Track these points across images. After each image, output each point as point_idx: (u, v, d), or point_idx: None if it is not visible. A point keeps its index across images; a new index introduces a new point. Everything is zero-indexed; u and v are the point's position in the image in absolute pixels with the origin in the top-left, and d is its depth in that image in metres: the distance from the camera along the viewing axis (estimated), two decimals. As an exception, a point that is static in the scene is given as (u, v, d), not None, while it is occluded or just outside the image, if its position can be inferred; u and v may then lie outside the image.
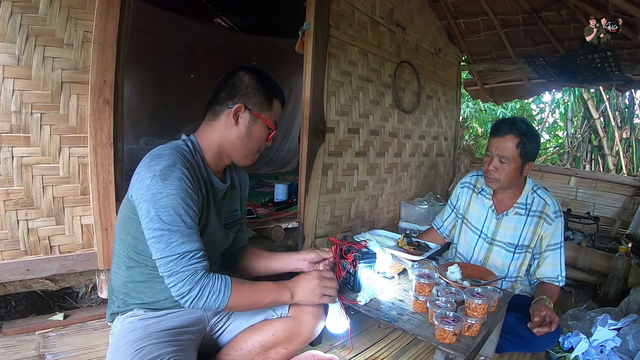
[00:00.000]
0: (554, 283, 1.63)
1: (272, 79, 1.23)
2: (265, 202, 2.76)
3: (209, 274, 1.04)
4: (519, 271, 1.69)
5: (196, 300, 1.00)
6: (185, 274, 1.00)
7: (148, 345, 1.01)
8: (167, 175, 1.01)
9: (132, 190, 1.06)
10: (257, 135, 1.20)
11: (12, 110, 1.37)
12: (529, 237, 1.66)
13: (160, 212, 1.00)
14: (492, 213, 1.73)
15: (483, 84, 4.27)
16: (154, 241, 1.01)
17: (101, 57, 1.51)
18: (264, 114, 1.19)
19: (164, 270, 1.01)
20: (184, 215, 1.01)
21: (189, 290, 1.00)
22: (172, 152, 1.06)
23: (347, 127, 2.58)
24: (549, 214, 1.63)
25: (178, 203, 1.01)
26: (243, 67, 1.21)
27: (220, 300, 1.03)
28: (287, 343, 1.25)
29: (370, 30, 2.70)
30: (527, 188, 1.68)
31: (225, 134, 1.17)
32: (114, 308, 1.18)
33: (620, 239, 3.10)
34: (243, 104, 1.16)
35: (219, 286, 1.03)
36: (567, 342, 1.59)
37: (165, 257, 1.00)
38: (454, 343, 1.08)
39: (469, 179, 1.87)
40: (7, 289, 1.49)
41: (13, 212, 1.41)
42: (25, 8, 1.36)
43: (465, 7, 3.51)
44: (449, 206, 1.95)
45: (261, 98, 1.18)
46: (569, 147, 6.75)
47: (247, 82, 1.17)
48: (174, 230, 1.00)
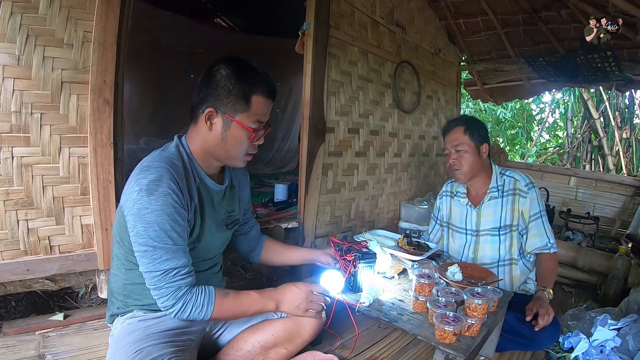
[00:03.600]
0: (545, 252, 1.66)
1: (253, 70, 1.11)
2: (265, 202, 2.76)
3: (192, 289, 1.04)
4: (510, 253, 1.71)
5: (180, 314, 1.03)
6: (169, 290, 1.01)
7: (148, 346, 1.01)
8: (152, 190, 0.99)
9: (123, 201, 1.06)
10: (233, 139, 1.11)
11: (12, 110, 1.37)
12: (509, 215, 1.70)
13: (145, 228, 0.99)
14: (470, 208, 1.79)
15: (483, 84, 4.27)
16: (139, 255, 1.02)
17: (101, 57, 1.51)
18: (239, 116, 1.09)
19: (149, 283, 1.02)
20: (169, 231, 1.00)
21: (172, 305, 1.02)
22: (161, 163, 1.04)
23: (347, 127, 2.58)
24: (521, 188, 1.69)
25: (163, 219, 0.99)
26: (223, 59, 1.10)
27: (204, 313, 1.05)
28: (287, 343, 1.25)
29: (370, 30, 2.70)
30: (494, 172, 1.76)
31: (205, 138, 1.12)
32: (113, 309, 1.18)
33: (620, 239, 3.11)
34: (214, 108, 1.08)
35: (201, 301, 1.04)
36: (567, 342, 1.59)
37: (149, 272, 1.01)
38: (454, 343, 1.08)
39: (445, 188, 1.97)
40: (7, 289, 1.49)
41: (13, 212, 1.41)
42: (25, 8, 1.36)
43: (465, 7, 3.51)
44: (432, 219, 2.02)
45: (234, 98, 1.08)
46: (569, 147, 6.75)
47: (219, 80, 1.07)
48: (159, 247, 1.00)
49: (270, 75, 1.14)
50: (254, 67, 1.12)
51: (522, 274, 1.73)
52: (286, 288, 1.20)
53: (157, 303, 1.03)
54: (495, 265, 1.71)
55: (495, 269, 1.70)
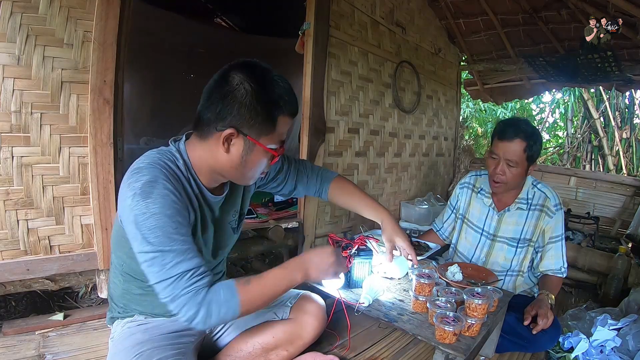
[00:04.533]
0: (557, 275, 1.65)
1: (278, 85, 0.97)
2: (265, 202, 2.76)
3: (211, 289, 0.91)
4: (521, 265, 1.70)
5: (206, 320, 0.90)
6: (187, 296, 0.88)
7: (147, 350, 1.00)
8: (148, 192, 0.89)
9: (119, 208, 0.95)
10: (254, 163, 1.00)
11: (12, 110, 1.37)
12: (530, 230, 1.67)
13: (147, 234, 0.88)
14: (492, 211, 1.74)
15: (483, 84, 4.26)
16: (147, 265, 0.89)
17: (101, 57, 1.51)
18: (264, 139, 0.97)
19: (164, 296, 0.89)
20: (173, 234, 0.89)
21: (195, 314, 0.89)
22: (152, 164, 0.94)
23: (347, 127, 2.58)
24: (550, 207, 1.65)
25: (165, 222, 0.89)
26: (239, 66, 0.95)
27: (232, 310, 0.92)
28: (288, 345, 1.25)
29: (370, 30, 2.70)
30: (527, 183, 1.70)
31: (217, 158, 0.99)
32: (114, 313, 1.17)
33: (620, 239, 3.11)
34: (235, 129, 0.94)
35: (223, 297, 0.92)
36: (567, 342, 1.59)
37: (162, 282, 0.89)
38: (454, 343, 1.08)
39: (468, 179, 1.88)
40: (7, 289, 1.49)
41: (13, 212, 1.41)
42: (25, 8, 1.36)
43: (465, 7, 3.51)
44: (448, 207, 1.95)
45: (260, 119, 0.95)
46: (569, 147, 6.74)
47: (242, 97, 0.92)
48: (166, 250, 0.88)
49: (292, 88, 1.01)
50: (276, 79, 0.98)
51: (525, 284, 1.73)
52: (311, 254, 1.10)
53: (180, 319, 0.90)
54: (503, 274, 1.70)
55: (502, 277, 1.69)
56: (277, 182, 1.34)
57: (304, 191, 1.41)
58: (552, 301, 1.52)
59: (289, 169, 1.34)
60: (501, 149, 1.58)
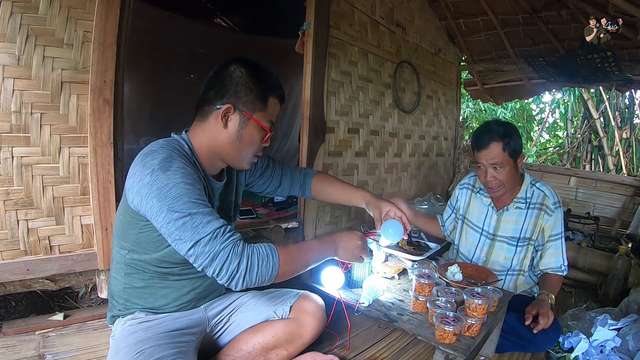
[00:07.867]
0: (557, 273, 1.65)
1: (268, 72, 1.12)
2: (265, 202, 2.76)
3: (249, 244, 0.96)
4: (521, 264, 1.70)
5: (248, 274, 0.93)
6: (228, 248, 0.92)
7: (148, 348, 1.00)
8: (167, 167, 0.95)
9: (132, 194, 0.99)
10: (248, 138, 1.10)
11: (12, 110, 1.37)
12: (530, 229, 1.67)
13: (173, 203, 0.92)
14: (492, 210, 1.75)
15: (483, 84, 4.27)
16: (179, 232, 0.91)
17: (101, 57, 1.51)
18: (257, 115, 1.09)
19: (202, 260, 0.91)
20: (198, 199, 0.95)
21: (237, 266, 0.92)
22: (164, 146, 1.02)
23: (347, 127, 2.58)
24: (549, 205, 1.65)
25: (188, 189, 0.94)
26: (235, 58, 1.09)
27: (272, 266, 0.96)
28: (288, 345, 1.25)
29: (370, 30, 2.70)
30: (525, 182, 1.70)
31: (215, 136, 1.09)
32: (114, 311, 1.18)
33: (620, 239, 3.10)
34: (232, 105, 1.05)
35: (265, 251, 0.96)
36: (567, 342, 1.59)
37: (198, 242, 0.91)
38: (454, 343, 1.08)
39: (467, 180, 1.90)
40: (7, 289, 1.49)
41: (13, 212, 1.41)
42: (25, 8, 1.36)
43: (465, 7, 3.51)
44: (449, 207, 1.97)
45: (253, 97, 1.07)
46: (569, 147, 6.74)
47: (238, 78, 1.06)
48: (194, 213, 0.92)
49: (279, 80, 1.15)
50: (268, 70, 1.13)
51: (526, 284, 1.73)
52: (343, 235, 1.17)
53: (220, 281, 0.92)
54: (504, 274, 1.71)
55: (503, 276, 1.70)
56: (263, 179, 1.44)
57: (289, 186, 1.48)
58: (552, 301, 1.53)
59: (274, 167, 1.46)
60: (482, 157, 1.61)
